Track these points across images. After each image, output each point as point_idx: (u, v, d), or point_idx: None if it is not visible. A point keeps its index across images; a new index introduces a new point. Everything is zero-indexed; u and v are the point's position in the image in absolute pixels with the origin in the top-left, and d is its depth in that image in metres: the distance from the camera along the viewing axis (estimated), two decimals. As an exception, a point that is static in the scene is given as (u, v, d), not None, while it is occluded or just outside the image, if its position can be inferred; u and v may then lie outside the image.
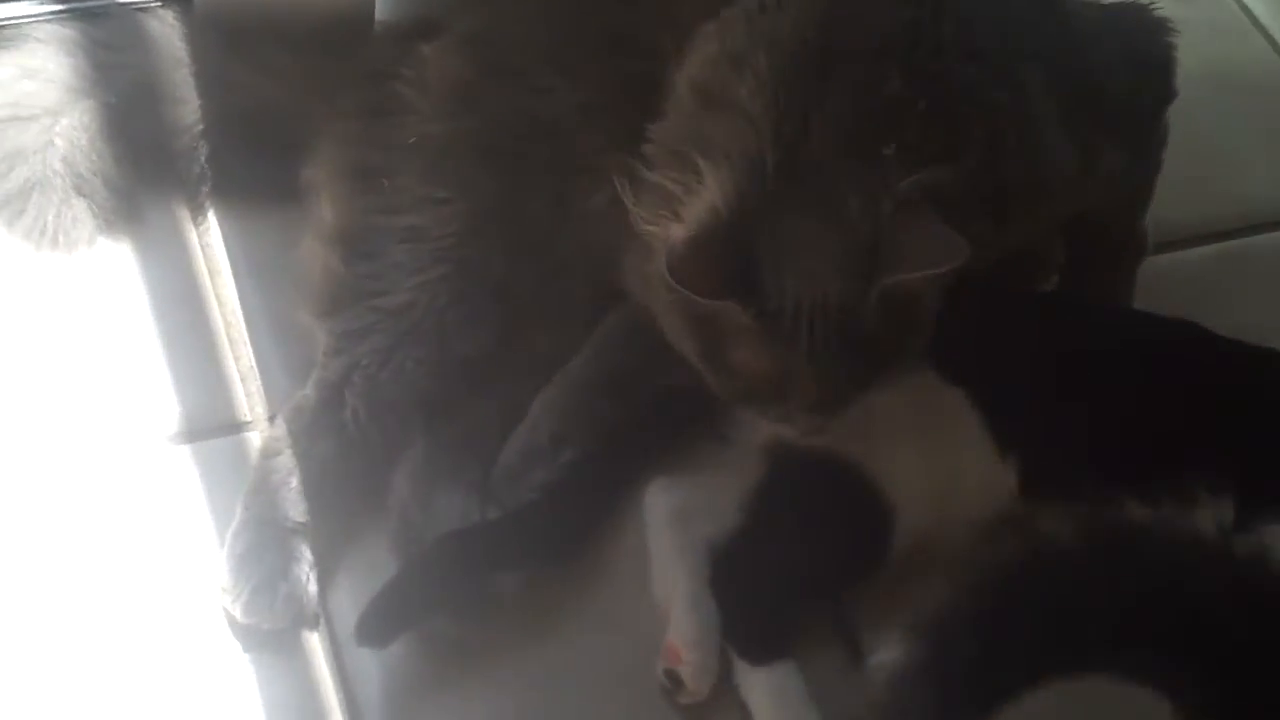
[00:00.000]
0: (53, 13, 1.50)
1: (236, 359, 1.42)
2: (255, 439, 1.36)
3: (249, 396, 1.40)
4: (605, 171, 1.28)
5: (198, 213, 1.49)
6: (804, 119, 1.16)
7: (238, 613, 1.25)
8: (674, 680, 1.29)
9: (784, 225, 1.16)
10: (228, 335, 1.43)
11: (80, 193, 1.44)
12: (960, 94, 1.19)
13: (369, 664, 1.25)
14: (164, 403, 1.37)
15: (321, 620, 1.27)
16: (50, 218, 1.42)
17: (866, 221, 1.14)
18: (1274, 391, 1.43)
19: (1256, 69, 1.87)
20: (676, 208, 1.19)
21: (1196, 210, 1.69)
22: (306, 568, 1.28)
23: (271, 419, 1.35)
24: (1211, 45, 1.79)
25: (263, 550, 1.27)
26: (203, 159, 1.47)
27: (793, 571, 1.30)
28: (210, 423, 1.37)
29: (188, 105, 1.46)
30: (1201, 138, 1.70)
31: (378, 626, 1.24)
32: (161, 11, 1.51)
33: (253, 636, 1.25)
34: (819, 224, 1.15)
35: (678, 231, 1.17)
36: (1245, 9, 1.92)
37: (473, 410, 1.39)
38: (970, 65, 1.20)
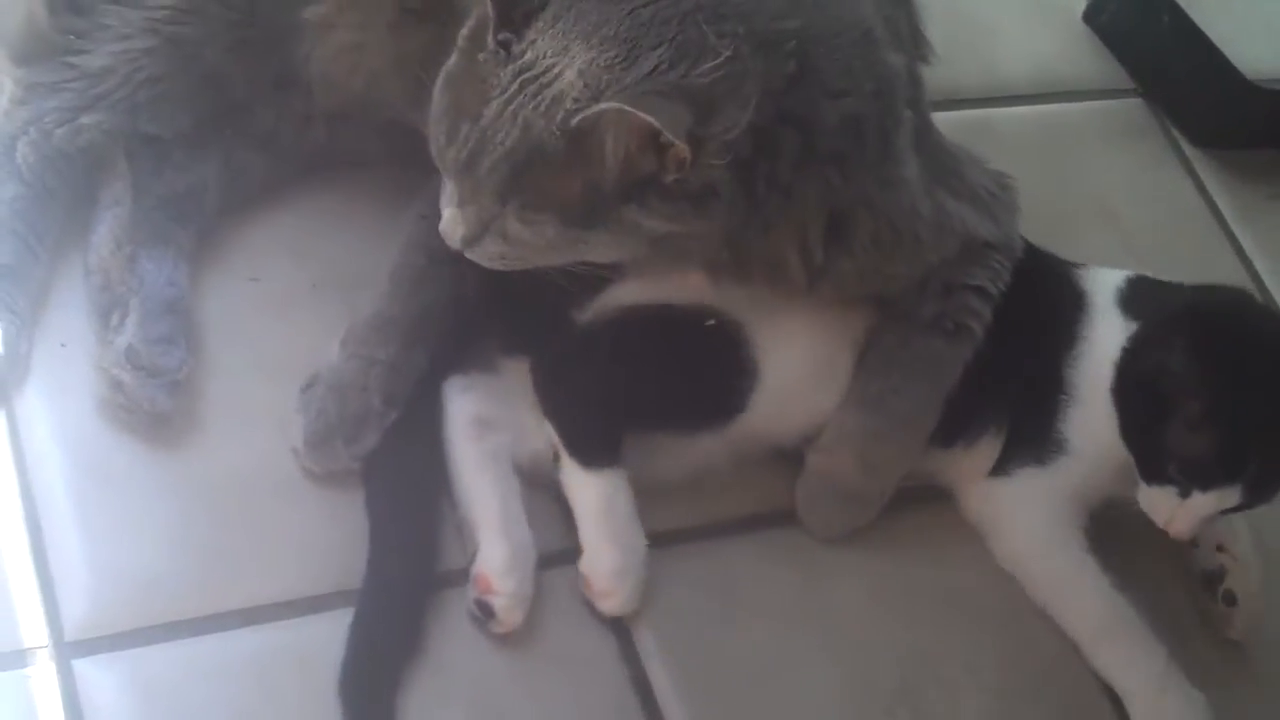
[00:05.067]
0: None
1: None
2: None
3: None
4: None
5: None
6: None
7: None
8: (485, 610, 1.20)
9: (595, 12, 1.11)
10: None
11: None
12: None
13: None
14: None
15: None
16: None
17: (653, 76, 1.10)
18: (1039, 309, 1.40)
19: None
20: None
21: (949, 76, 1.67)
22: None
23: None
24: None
25: None
26: None
27: (646, 395, 1.27)
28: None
29: None
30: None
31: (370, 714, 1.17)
32: None
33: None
34: (617, 41, 1.10)
35: None
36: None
37: (186, 173, 1.35)
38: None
